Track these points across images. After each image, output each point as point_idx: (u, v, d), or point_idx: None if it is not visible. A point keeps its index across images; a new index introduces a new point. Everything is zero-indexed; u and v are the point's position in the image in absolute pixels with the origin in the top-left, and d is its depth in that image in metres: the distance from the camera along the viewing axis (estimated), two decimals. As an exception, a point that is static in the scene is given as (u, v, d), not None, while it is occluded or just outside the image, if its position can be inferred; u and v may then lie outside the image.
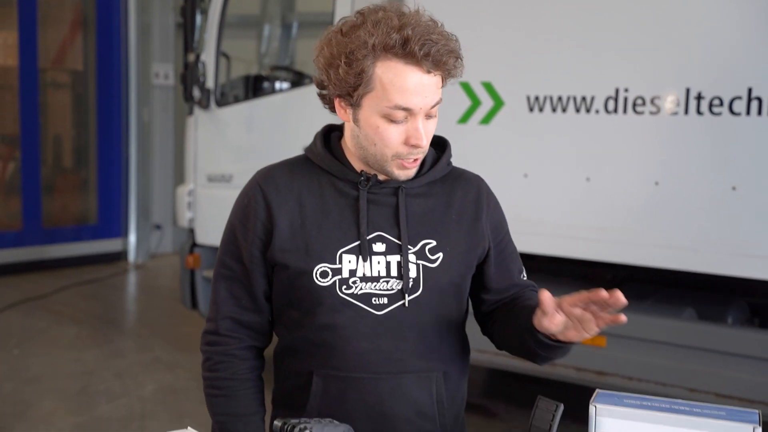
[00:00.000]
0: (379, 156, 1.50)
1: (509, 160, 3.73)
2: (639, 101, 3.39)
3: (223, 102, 4.97)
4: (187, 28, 4.98)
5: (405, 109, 1.44)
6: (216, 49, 4.91)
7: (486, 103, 3.76)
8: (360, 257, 1.52)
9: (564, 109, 3.57)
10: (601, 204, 3.54)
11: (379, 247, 1.53)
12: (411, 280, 1.53)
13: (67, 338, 5.74)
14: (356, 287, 1.52)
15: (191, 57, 4.89)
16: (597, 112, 3.49)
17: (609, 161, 3.51)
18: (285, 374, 1.63)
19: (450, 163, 1.65)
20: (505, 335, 1.63)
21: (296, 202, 1.55)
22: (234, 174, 4.80)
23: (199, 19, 4.90)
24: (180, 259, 5.23)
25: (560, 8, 3.58)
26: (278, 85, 5.10)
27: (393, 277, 1.53)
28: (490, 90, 3.74)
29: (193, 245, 5.05)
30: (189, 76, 4.88)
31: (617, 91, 3.44)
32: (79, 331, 5.94)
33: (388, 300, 1.52)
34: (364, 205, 1.54)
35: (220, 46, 4.94)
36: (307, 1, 6.61)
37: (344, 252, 1.52)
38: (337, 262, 1.52)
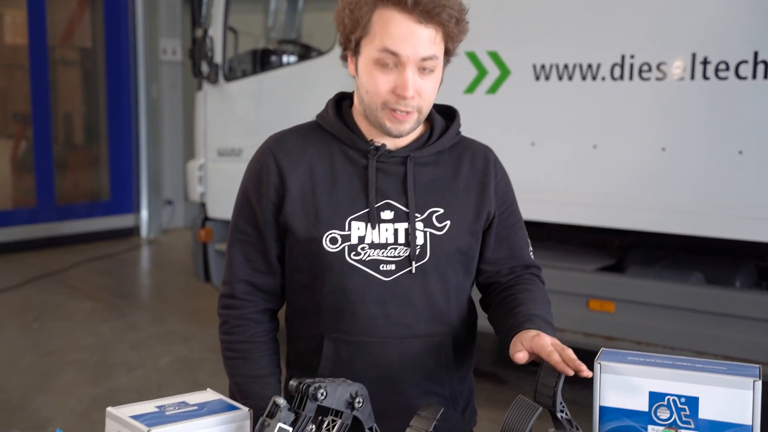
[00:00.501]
0: (372, 106, 1.53)
1: (516, 129, 3.75)
2: (645, 67, 3.40)
3: (231, 76, 4.99)
4: (194, 3, 5.00)
5: (393, 53, 1.47)
6: (223, 23, 4.93)
7: (492, 72, 3.77)
8: (368, 224, 1.55)
9: (570, 77, 3.58)
10: (609, 170, 3.56)
11: (387, 214, 1.57)
12: (418, 247, 1.56)
13: (83, 312, 5.83)
14: (364, 254, 1.55)
15: (199, 32, 4.90)
16: (603, 79, 3.50)
17: (616, 128, 3.52)
18: (297, 337, 1.68)
19: (459, 133, 1.68)
20: (495, 328, 1.66)
21: (307, 168, 1.58)
22: (244, 148, 4.83)
23: (206, -7, 4.92)
24: (192, 233, 5.29)
25: (566, -25, 3.58)
26: (285, 58, 5.12)
27: (401, 245, 1.56)
28: (497, 59, 3.76)
29: (205, 219, 5.10)
30: (197, 51, 4.90)
31: (623, 57, 3.44)
32: (94, 305, 6.03)
33: (396, 267, 1.56)
34: (373, 174, 1.57)
35: (227, 20, 4.95)
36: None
37: (353, 219, 1.56)
38: (346, 229, 1.55)
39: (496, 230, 1.67)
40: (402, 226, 1.57)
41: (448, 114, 1.68)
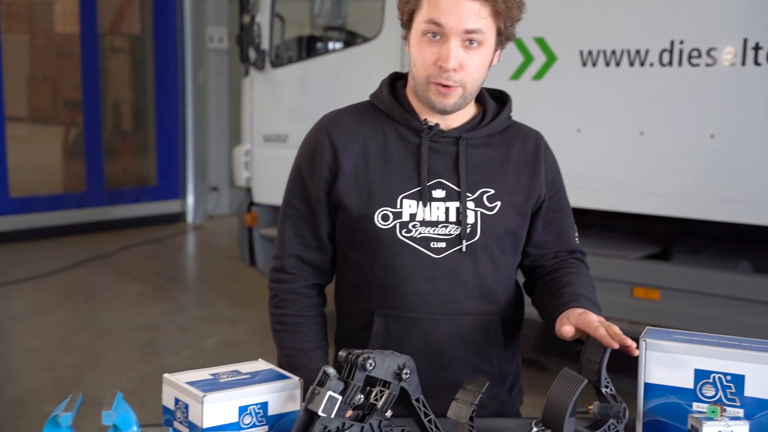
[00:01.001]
0: (419, 79, 1.55)
1: (562, 116, 3.74)
2: (695, 53, 3.36)
3: (277, 63, 5.04)
4: (242, -9, 5.05)
5: (437, 24, 1.49)
6: (271, 10, 4.98)
7: (539, 58, 3.76)
8: (420, 202, 1.58)
9: (618, 63, 3.56)
10: (656, 158, 3.53)
11: (438, 193, 1.59)
12: (469, 226, 1.58)
13: (131, 294, 5.97)
14: (416, 231, 1.58)
15: (247, 19, 4.96)
16: (651, 65, 3.47)
17: (663, 115, 3.49)
18: (347, 314, 1.71)
19: (510, 117, 1.69)
20: (540, 310, 1.69)
21: (361, 146, 1.61)
22: (289, 134, 4.89)
23: (254, -19, 4.97)
24: (238, 217, 5.36)
25: (614, -40, 3.56)
26: (331, 45, 5.15)
27: (451, 223, 1.58)
28: (543, 45, 3.74)
29: (251, 204, 5.17)
30: (245, 38, 4.96)
31: (672, 43, 3.41)
32: (142, 288, 6.16)
33: (446, 244, 1.58)
34: (426, 153, 1.59)
35: (274, 7, 5.00)
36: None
37: (405, 197, 1.58)
38: (398, 206, 1.58)
39: (544, 214, 1.68)
40: (453, 205, 1.59)
41: (500, 99, 1.70)
